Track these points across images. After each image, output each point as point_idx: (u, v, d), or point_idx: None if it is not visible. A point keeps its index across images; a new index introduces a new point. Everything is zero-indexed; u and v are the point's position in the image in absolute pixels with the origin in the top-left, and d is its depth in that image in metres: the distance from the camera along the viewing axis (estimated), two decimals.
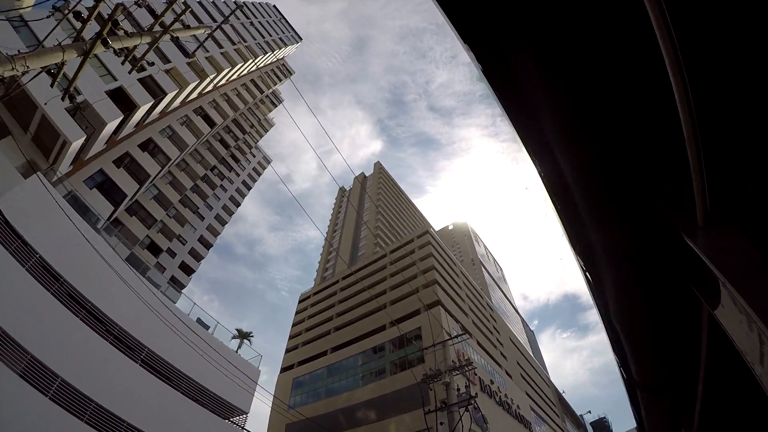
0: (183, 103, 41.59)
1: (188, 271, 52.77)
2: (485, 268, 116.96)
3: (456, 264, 61.17)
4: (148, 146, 37.31)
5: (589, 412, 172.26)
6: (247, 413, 20.71)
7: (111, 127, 26.73)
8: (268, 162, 79.16)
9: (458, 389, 14.70)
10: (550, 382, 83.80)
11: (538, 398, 63.43)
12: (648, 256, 2.53)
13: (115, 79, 28.27)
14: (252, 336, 43.05)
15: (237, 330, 39.91)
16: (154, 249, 45.62)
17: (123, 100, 28.72)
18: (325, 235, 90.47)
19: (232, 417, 20.68)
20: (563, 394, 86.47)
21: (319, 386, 48.65)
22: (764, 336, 1.54)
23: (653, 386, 3.70)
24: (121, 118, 27.47)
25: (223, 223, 61.29)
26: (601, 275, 2.72)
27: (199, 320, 24.25)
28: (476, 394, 14.56)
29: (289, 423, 48.76)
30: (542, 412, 61.45)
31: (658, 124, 2.05)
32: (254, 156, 73.09)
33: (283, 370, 57.21)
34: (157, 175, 38.48)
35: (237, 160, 63.84)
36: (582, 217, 2.46)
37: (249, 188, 69.09)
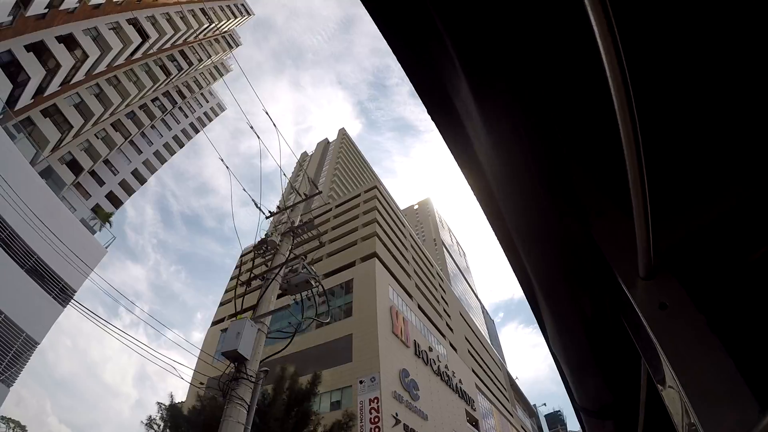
0: (115, 6, 37.39)
1: (116, 202, 49.52)
2: (448, 251, 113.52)
3: (406, 227, 57.02)
4: (67, 40, 33.52)
5: (545, 404, 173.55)
6: (75, 291, 16.36)
7: None
8: (222, 109, 75.47)
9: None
10: (503, 366, 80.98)
11: (486, 379, 60.15)
12: (584, 295, 2.20)
13: None
14: (112, 216, 38.19)
15: (93, 210, 34.67)
16: (76, 167, 41.89)
17: None
18: (281, 197, 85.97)
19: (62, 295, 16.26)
20: (516, 380, 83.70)
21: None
22: (686, 404, 1.37)
23: (596, 410, 3.37)
24: None
25: (163, 161, 57.63)
26: (538, 304, 2.46)
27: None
28: (305, 257, 9.99)
29: (212, 377, 44.58)
30: (489, 393, 58.13)
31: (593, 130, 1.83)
32: (207, 101, 69.63)
33: (214, 323, 54.29)
34: (71, 75, 34.13)
35: (183, 96, 59.35)
36: (512, 238, 2.18)
37: (197, 131, 65.26)
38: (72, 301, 14.20)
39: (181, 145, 61.59)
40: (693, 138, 1.67)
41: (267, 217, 11.86)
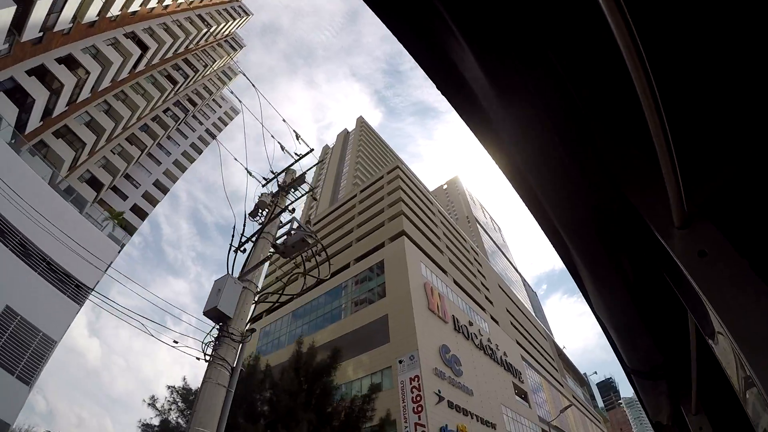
0: (110, 23, 37.53)
1: (141, 214, 50.30)
2: (482, 227, 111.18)
3: (433, 204, 55.54)
4: (67, 61, 33.76)
5: (595, 372, 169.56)
6: (91, 289, 16.43)
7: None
8: (236, 113, 75.94)
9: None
10: (549, 336, 78.77)
11: (533, 350, 58.52)
12: (623, 256, 2.14)
13: None
14: (123, 215, 38.98)
15: (108, 210, 35.33)
16: (96, 184, 42.56)
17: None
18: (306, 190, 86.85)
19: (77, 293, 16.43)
20: (563, 349, 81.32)
21: (283, 333, 44.83)
22: (738, 356, 1.34)
23: (647, 372, 3.36)
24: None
25: (183, 169, 58.56)
26: (578, 270, 2.40)
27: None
28: (293, 209, 9.05)
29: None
30: (537, 364, 56.50)
31: (618, 99, 1.78)
32: (220, 106, 70.72)
33: (252, 321, 54.25)
34: (77, 94, 34.63)
35: (194, 104, 60.05)
36: (543, 206, 2.08)
37: (214, 137, 65.75)
38: (91, 293, 13.93)
39: (200, 152, 62.27)
40: (715, 86, 1.59)
41: (263, 185, 10.96)
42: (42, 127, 32.81)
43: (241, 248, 8.56)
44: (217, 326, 6.14)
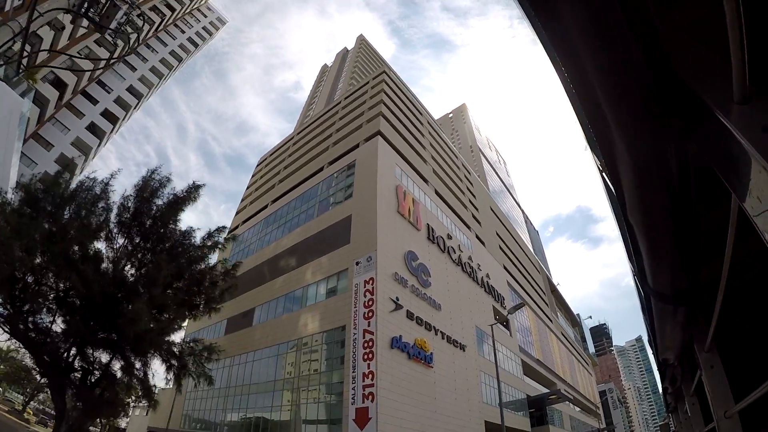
0: None
1: (112, 119, 48.36)
2: (485, 158, 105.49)
3: (423, 114, 49.79)
4: None
5: (590, 317, 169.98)
6: None
7: None
8: (223, 23, 70.55)
9: None
10: (542, 269, 75.90)
11: (522, 279, 55.54)
12: (670, 141, 2.04)
13: None
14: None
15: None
16: (61, 85, 40.64)
17: None
18: (301, 110, 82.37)
19: None
20: (557, 286, 78.82)
21: (255, 240, 42.07)
22: None
23: (669, 295, 3.23)
24: None
25: (160, 76, 55.34)
26: (616, 159, 2.18)
27: None
28: None
29: None
30: (525, 293, 53.74)
31: None
32: (205, 16, 66.78)
33: (229, 231, 51.68)
34: None
35: (173, 9, 55.97)
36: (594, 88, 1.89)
37: (196, 45, 63.19)
38: None
39: (179, 60, 59.01)
40: None
41: None
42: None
43: None
44: None
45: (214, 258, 20.41)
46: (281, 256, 35.29)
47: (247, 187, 57.03)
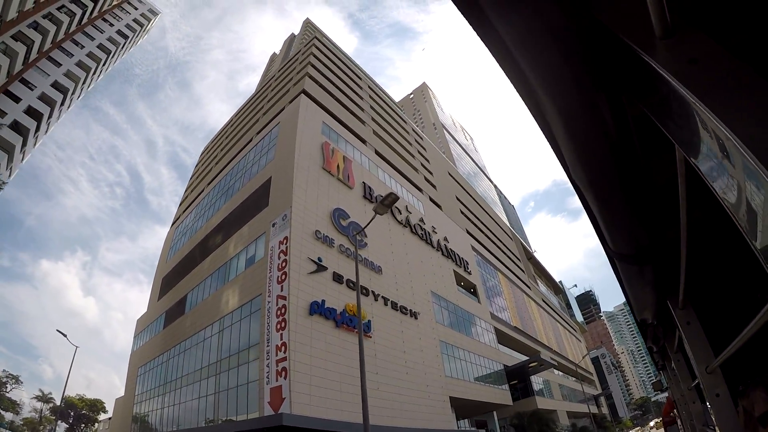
0: None
1: (36, 116, 44.71)
2: (448, 132, 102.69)
3: (362, 79, 46.73)
4: None
5: (575, 286, 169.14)
6: None
7: None
8: (155, 14, 67.07)
9: None
10: (515, 235, 73.40)
11: (491, 245, 52.91)
12: (600, 93, 1.87)
13: None
14: None
15: None
16: None
17: None
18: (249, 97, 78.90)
19: None
20: (534, 253, 76.53)
21: (191, 227, 38.75)
22: (749, 167, 1.10)
23: (632, 255, 3.12)
24: None
25: (87, 70, 51.66)
26: (553, 127, 2.08)
27: None
28: None
29: (164, 276, 39.70)
30: (496, 259, 51.09)
31: None
32: (136, 8, 63.56)
33: (172, 223, 48.97)
34: None
35: (96, 1, 52.91)
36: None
37: (126, 38, 59.69)
38: None
39: (108, 53, 55.40)
40: None
41: None
42: None
43: None
44: None
45: None
46: (210, 235, 32.03)
47: (190, 178, 53.71)
